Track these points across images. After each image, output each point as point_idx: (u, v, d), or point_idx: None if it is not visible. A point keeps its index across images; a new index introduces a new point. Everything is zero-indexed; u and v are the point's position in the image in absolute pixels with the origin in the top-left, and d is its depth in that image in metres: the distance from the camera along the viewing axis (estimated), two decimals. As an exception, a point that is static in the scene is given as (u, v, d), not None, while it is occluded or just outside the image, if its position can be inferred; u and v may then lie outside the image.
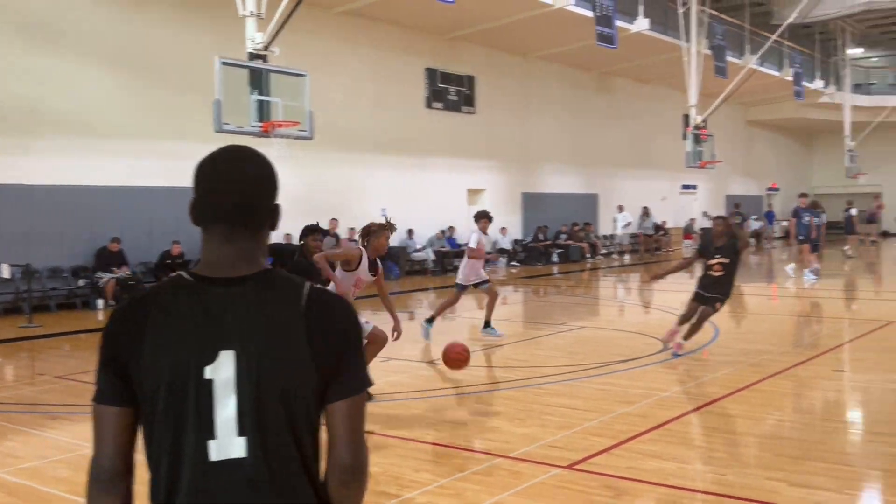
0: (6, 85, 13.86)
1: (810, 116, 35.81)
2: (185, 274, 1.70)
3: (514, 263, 23.86)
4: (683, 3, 23.06)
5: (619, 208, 28.07)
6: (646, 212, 29.08)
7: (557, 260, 24.75)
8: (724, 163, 28.78)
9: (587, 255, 25.73)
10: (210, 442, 1.61)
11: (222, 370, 1.61)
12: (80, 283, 14.52)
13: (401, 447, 5.94)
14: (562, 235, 25.63)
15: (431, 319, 10.62)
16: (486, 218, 10.82)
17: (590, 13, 20.32)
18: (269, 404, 1.62)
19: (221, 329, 1.63)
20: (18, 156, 13.96)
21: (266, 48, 12.59)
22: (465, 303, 12.78)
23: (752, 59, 26.44)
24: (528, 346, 10.66)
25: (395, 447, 5.91)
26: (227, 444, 1.61)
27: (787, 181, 39.66)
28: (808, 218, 18.17)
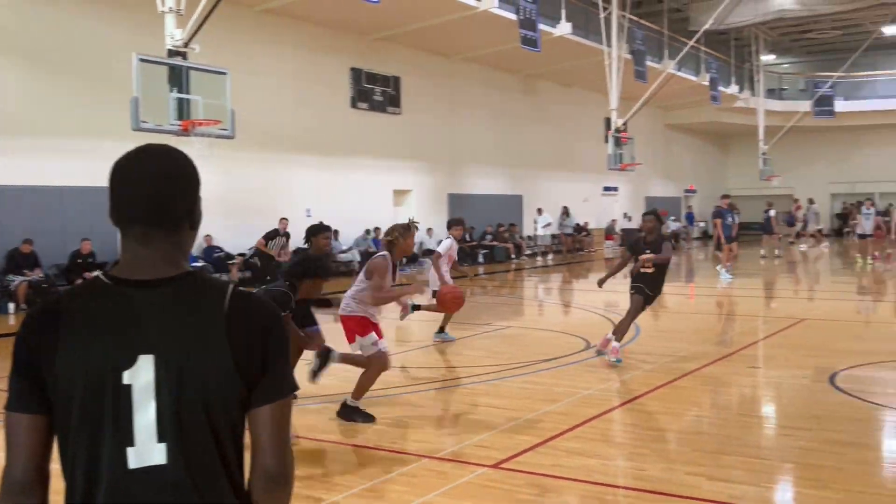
0: None
1: (726, 120, 36.94)
2: (102, 276, 1.65)
3: (439, 264, 23.89)
4: (605, 9, 23.49)
5: (539, 210, 28.43)
6: (565, 212, 29.55)
7: (483, 261, 24.92)
8: (644, 165, 29.45)
9: (512, 256, 25.98)
10: (129, 449, 1.56)
11: (141, 375, 1.56)
12: (-10, 286, 13.95)
13: (326, 450, 5.89)
14: (487, 236, 25.83)
15: (441, 330, 10.56)
16: (460, 225, 10.72)
17: (514, 16, 20.54)
18: (190, 410, 1.58)
19: (140, 333, 1.58)
20: (-78, 153, 13.34)
21: (186, 45, 12.31)
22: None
23: (670, 63, 27.12)
24: (454, 346, 10.70)
25: (320, 450, 5.86)
26: (147, 450, 1.56)
27: (703, 183, 40.83)
28: (730, 219, 18.73)
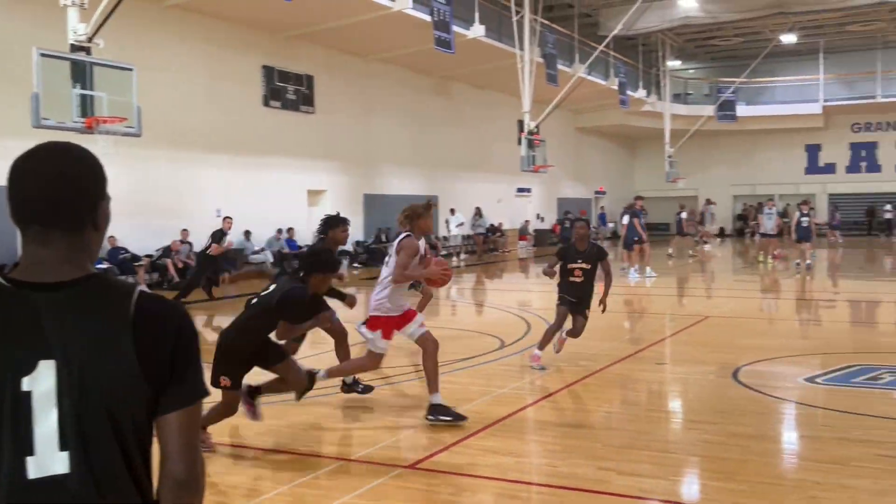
0: None
1: (634, 124, 37.91)
2: (0, 278, 1.57)
3: (356, 265, 23.78)
4: (517, 12, 23.79)
5: (452, 211, 28.61)
6: (478, 213, 29.81)
7: (398, 261, 24.87)
8: (556, 167, 29.95)
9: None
10: (28, 459, 1.49)
11: (41, 382, 1.50)
12: None
13: (239, 455, 5.78)
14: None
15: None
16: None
17: (428, 18, 20.59)
18: (94, 417, 1.52)
19: (40, 338, 1.51)
20: None
21: (90, 40, 11.90)
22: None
23: (580, 68, 27.65)
24: (364, 349, 10.65)
25: (232, 456, 5.74)
26: (48, 460, 1.50)
27: (613, 185, 41.81)
28: (643, 220, 19.29)
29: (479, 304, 16.65)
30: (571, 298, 8.46)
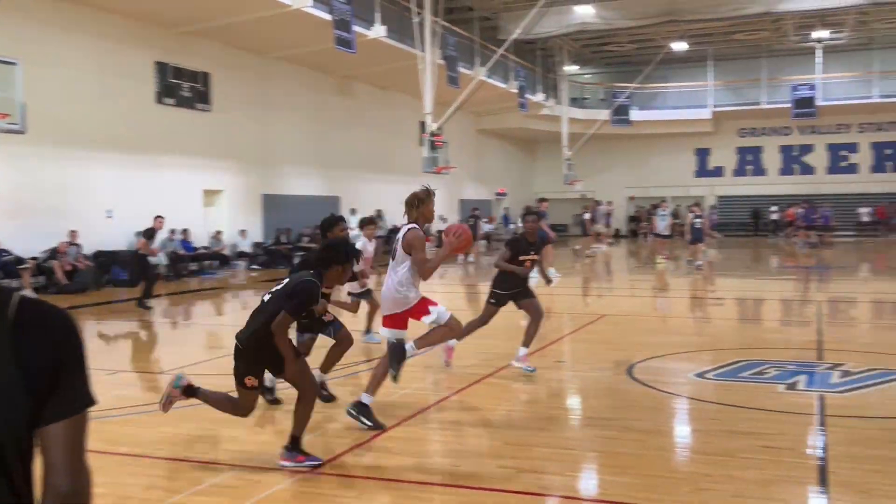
0: None
1: (533, 127, 38.55)
2: None
3: (254, 267, 23.34)
4: (418, 14, 23.84)
5: (352, 211, 28.40)
6: (379, 214, 29.71)
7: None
8: (458, 169, 30.16)
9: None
10: None
11: None
12: None
13: (130, 465, 5.57)
14: (304, 238, 25.48)
15: (368, 331, 10.27)
16: (372, 224, 10.37)
17: (328, 16, 20.40)
18: (-32, 430, 1.43)
19: None
20: None
21: (-32, 30, 11.28)
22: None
23: (481, 70, 27.92)
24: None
25: (123, 465, 5.53)
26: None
27: (514, 186, 42.41)
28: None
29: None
30: (515, 289, 8.37)
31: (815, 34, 35.22)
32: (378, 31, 23.05)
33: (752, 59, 40.08)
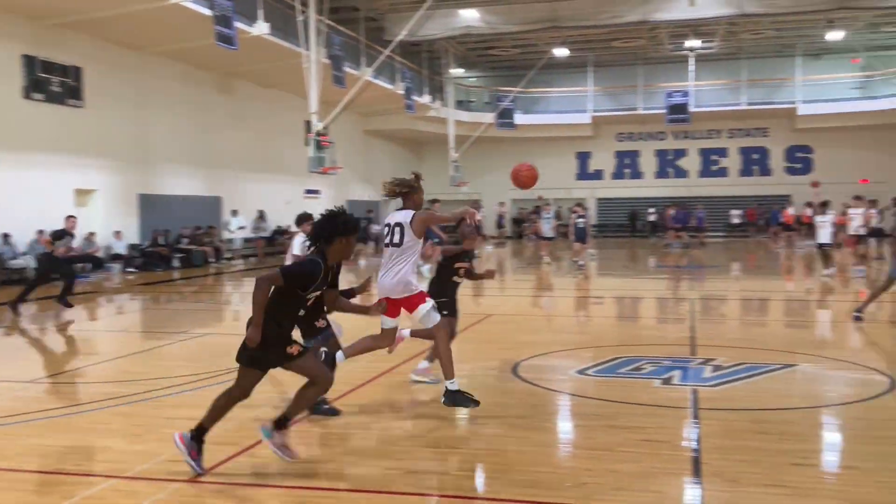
0: None
1: (420, 128, 38.73)
2: None
3: (130, 269, 22.47)
4: (302, 12, 23.53)
5: (234, 212, 27.80)
6: (261, 216, 29.18)
7: (179, 265, 23.82)
8: (346, 169, 29.95)
9: (211, 260, 25.12)
10: None
11: None
12: None
13: (-6, 480, 5.25)
14: (183, 240, 24.71)
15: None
16: (311, 219, 9.90)
17: (208, 12, 19.87)
18: None
19: None
20: None
21: None
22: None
23: (367, 71, 27.82)
24: (147, 357, 10.10)
25: (-14, 481, 5.20)
26: None
27: (401, 188, 42.37)
28: None
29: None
30: (454, 298, 8.11)
31: (688, 43, 36.90)
32: (261, 27, 22.63)
33: (630, 67, 41.58)
